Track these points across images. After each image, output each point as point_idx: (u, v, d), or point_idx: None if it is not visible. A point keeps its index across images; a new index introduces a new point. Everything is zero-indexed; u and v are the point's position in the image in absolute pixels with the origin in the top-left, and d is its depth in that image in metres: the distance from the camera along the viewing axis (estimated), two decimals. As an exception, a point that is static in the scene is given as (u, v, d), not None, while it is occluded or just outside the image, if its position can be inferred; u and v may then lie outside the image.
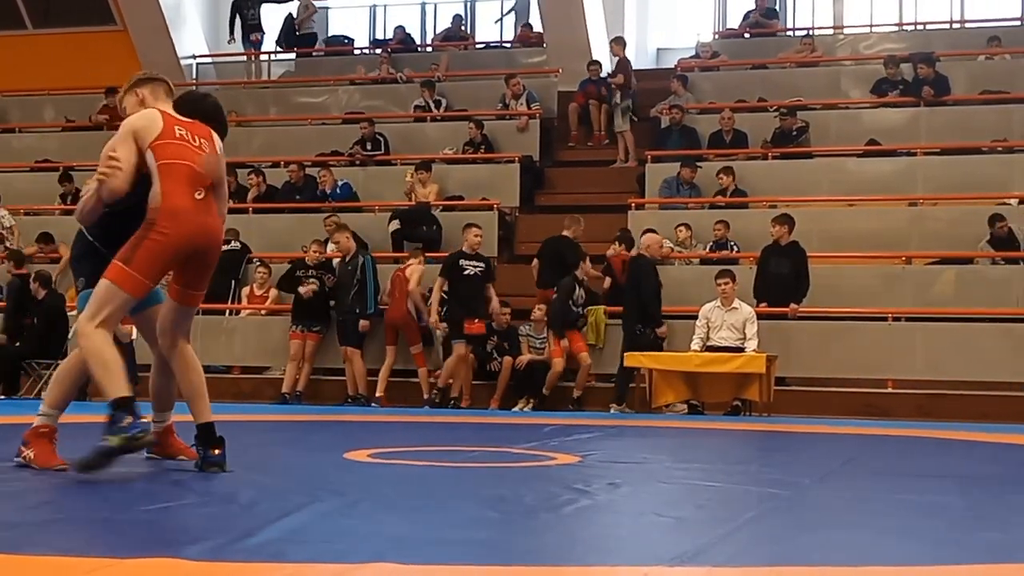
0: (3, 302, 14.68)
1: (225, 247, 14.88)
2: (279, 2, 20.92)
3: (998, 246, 13.54)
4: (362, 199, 16.30)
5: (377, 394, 13.02)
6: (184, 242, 5.37)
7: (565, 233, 13.50)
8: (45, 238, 16.02)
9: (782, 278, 12.81)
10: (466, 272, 12.77)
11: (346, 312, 13.17)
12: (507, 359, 12.86)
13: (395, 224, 15.06)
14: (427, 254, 14.99)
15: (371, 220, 15.66)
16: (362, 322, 13.08)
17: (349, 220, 15.01)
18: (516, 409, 12.58)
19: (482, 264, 12.96)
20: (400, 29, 21.09)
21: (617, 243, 13.74)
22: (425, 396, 12.99)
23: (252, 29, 20.70)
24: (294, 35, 20.78)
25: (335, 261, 13.73)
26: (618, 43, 17.58)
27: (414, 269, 13.28)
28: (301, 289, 13.47)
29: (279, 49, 21.03)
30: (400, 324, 13.12)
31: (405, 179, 15.75)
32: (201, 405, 5.69)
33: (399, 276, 13.23)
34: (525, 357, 12.83)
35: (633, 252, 13.28)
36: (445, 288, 12.83)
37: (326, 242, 14.27)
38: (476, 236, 13.02)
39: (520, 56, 20.07)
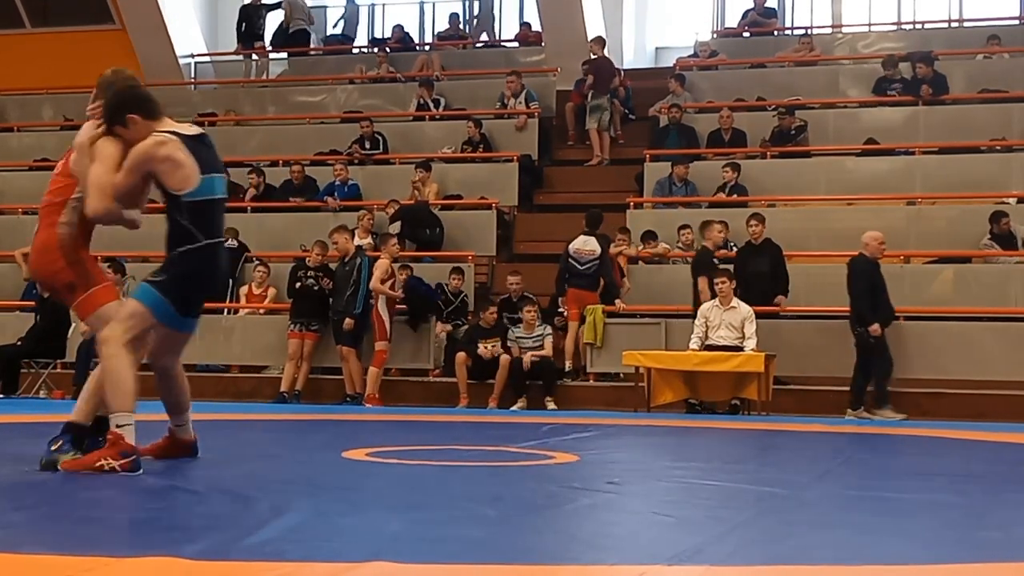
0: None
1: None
2: (275, 7, 20.94)
3: (1001, 243, 13.50)
4: (363, 198, 16.29)
5: (367, 392, 12.93)
6: None
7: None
8: None
9: (762, 276, 12.84)
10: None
11: (340, 312, 13.16)
12: (504, 357, 12.86)
13: (396, 227, 15.02)
14: (428, 253, 15.02)
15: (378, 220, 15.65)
16: (346, 320, 13.06)
17: (349, 219, 15.03)
18: (515, 408, 12.58)
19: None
20: (398, 28, 21.11)
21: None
22: (348, 392, 13.04)
23: (257, 38, 20.72)
24: (285, 34, 20.81)
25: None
26: (596, 42, 17.57)
27: (380, 264, 13.12)
28: None
29: (272, 48, 21.06)
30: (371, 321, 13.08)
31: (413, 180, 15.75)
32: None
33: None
34: (528, 357, 12.78)
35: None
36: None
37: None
38: (720, 233, 12.57)
39: (519, 55, 20.08)
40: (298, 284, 13.62)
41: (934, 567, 3.62)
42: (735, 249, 13.74)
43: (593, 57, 17.39)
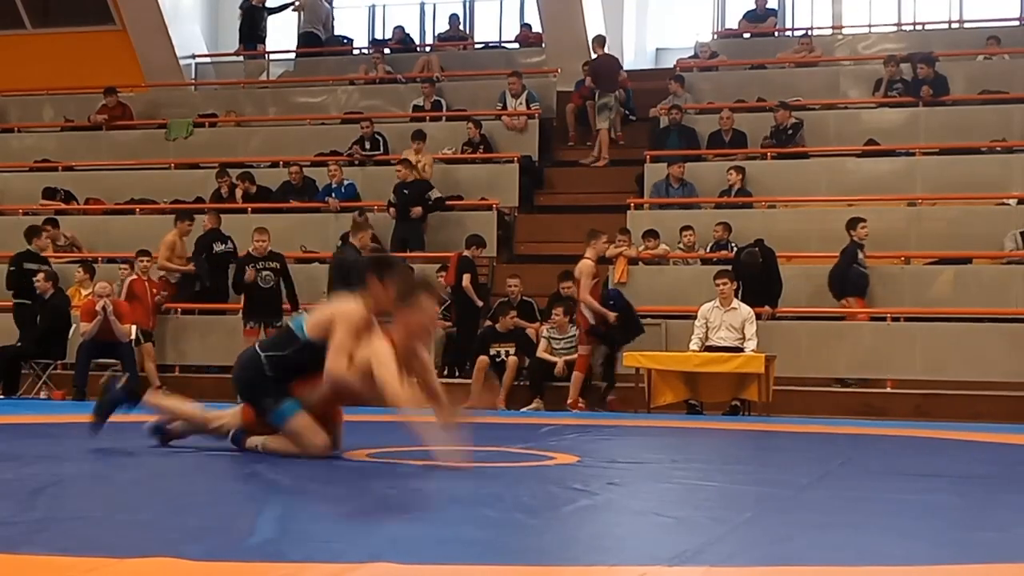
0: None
1: (222, 247, 14.76)
2: (280, 10, 20.93)
3: None
4: (361, 198, 16.30)
5: (569, 399, 12.36)
6: None
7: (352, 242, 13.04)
8: (51, 223, 16.04)
9: (756, 277, 12.88)
10: None
11: None
12: (512, 359, 12.83)
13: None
14: (428, 255, 14.97)
15: (373, 218, 15.65)
16: None
17: (348, 220, 15.00)
18: (528, 409, 12.52)
19: None
20: (399, 29, 21.11)
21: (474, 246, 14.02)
22: (568, 400, 12.35)
23: (260, 39, 20.73)
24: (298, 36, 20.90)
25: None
26: (597, 41, 17.58)
27: (586, 268, 12.35)
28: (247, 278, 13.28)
29: (272, 51, 21.11)
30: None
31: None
32: None
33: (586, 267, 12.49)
34: (561, 363, 12.74)
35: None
36: None
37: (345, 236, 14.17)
38: None
39: (519, 56, 20.08)
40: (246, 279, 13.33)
41: (934, 568, 3.62)
42: (734, 250, 13.75)
43: (594, 56, 17.41)
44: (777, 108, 16.02)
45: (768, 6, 19.70)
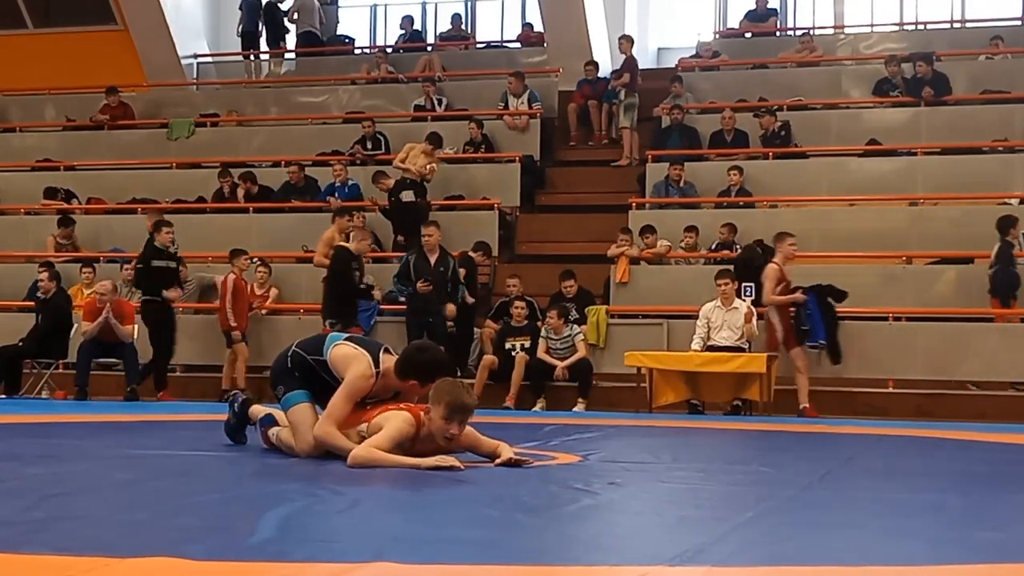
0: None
1: (172, 248, 14.27)
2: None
3: None
4: (364, 198, 16.29)
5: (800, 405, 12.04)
6: None
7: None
8: (66, 222, 15.99)
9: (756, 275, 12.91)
10: None
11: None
12: (521, 356, 12.82)
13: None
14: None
15: (371, 219, 15.65)
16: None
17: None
18: (535, 410, 12.51)
19: None
20: (408, 19, 21.12)
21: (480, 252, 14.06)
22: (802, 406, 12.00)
23: (283, 37, 20.75)
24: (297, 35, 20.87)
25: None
26: (626, 40, 17.61)
27: (771, 272, 12.15)
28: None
29: (275, 50, 21.08)
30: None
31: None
32: None
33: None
34: (560, 367, 12.73)
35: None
36: None
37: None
38: None
39: (521, 56, 20.09)
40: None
41: (935, 568, 3.62)
42: (738, 250, 13.74)
43: (623, 56, 17.48)
44: (762, 114, 16.04)
45: (769, 6, 19.74)
